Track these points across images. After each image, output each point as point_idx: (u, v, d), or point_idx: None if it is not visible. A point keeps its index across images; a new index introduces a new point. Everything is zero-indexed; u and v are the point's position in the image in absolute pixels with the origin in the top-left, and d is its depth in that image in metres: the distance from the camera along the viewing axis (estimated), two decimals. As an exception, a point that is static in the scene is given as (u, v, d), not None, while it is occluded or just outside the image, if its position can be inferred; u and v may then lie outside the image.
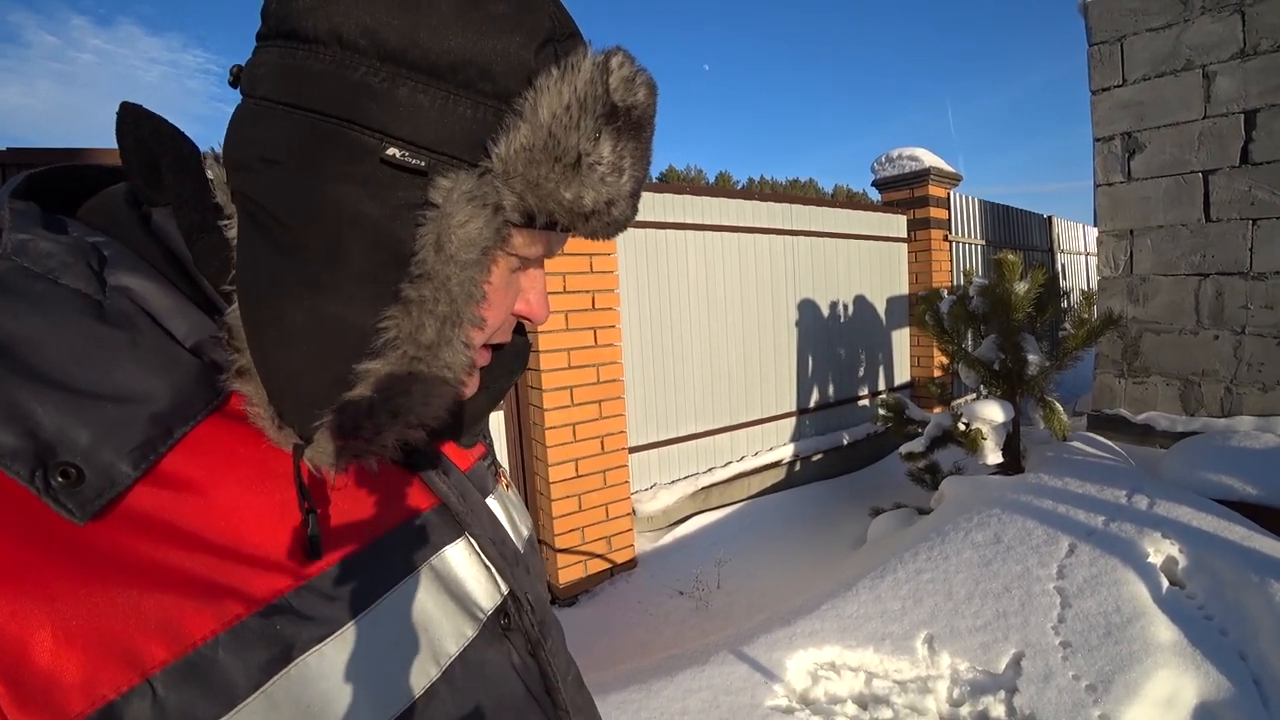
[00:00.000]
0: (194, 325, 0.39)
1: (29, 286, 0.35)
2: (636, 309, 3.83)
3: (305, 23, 0.35)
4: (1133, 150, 4.01)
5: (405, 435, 0.41)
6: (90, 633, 0.30)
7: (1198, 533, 2.44)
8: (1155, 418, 4.01)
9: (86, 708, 0.30)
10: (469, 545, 0.51)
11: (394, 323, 0.37)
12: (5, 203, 0.39)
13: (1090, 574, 2.27)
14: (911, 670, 2.06)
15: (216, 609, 0.34)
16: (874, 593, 2.36)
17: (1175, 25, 3.75)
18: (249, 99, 0.38)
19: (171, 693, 0.32)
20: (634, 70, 0.39)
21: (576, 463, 3.27)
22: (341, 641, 0.39)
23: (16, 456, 0.31)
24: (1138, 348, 4.11)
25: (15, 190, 0.41)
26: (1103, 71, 4.10)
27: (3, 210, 0.38)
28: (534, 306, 0.47)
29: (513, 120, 0.37)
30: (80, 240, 0.38)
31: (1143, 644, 1.96)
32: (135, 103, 0.42)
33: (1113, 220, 4.16)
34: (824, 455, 4.90)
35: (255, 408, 0.39)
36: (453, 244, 0.37)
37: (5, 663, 0.28)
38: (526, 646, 0.54)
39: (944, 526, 2.72)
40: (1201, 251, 3.80)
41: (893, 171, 5.68)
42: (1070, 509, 2.68)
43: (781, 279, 4.68)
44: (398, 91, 0.35)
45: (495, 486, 0.60)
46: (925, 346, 5.67)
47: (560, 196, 0.38)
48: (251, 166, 0.37)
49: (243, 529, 0.37)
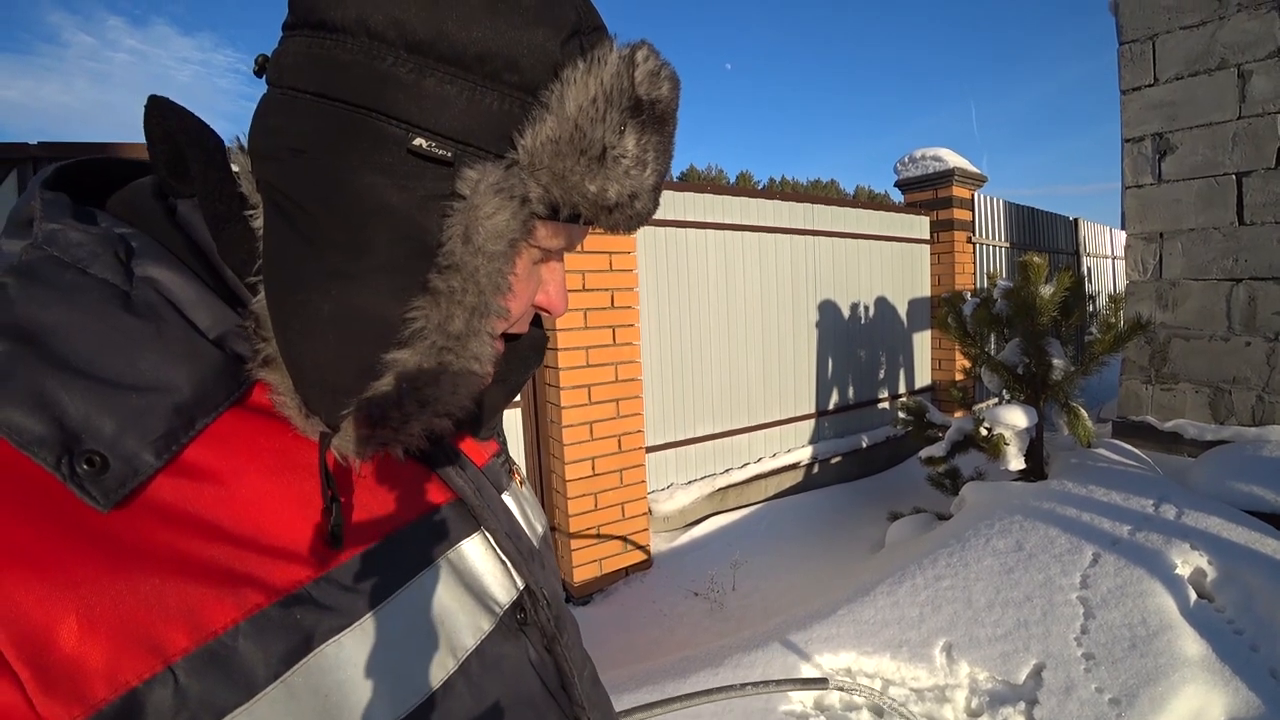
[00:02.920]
0: (218, 317, 0.40)
1: (59, 276, 0.35)
2: (655, 308, 3.82)
3: (333, 13, 0.35)
4: (1164, 151, 3.92)
5: (432, 425, 0.41)
6: (114, 620, 0.31)
7: (1228, 544, 2.38)
8: (1184, 425, 3.91)
9: (110, 694, 0.30)
10: (485, 540, 0.51)
11: (422, 313, 0.38)
12: (37, 193, 0.39)
13: (1115, 584, 2.22)
14: (929, 678, 2.03)
15: (237, 598, 0.35)
16: (892, 598, 2.33)
17: (1210, 23, 3.66)
18: (275, 88, 0.38)
19: (193, 680, 0.32)
20: (659, 64, 0.39)
21: (593, 461, 3.27)
22: (360, 633, 0.39)
23: (44, 443, 0.31)
24: (1166, 354, 4.02)
25: (46, 181, 0.41)
26: (1133, 70, 4.01)
27: (34, 200, 0.39)
28: (553, 298, 0.47)
29: (539, 112, 0.37)
30: (109, 231, 0.39)
31: (1169, 658, 1.91)
32: (163, 96, 0.42)
33: (1142, 223, 4.07)
34: (843, 458, 4.86)
35: (281, 396, 0.40)
36: (480, 235, 0.37)
37: (31, 648, 0.29)
38: (543, 641, 0.54)
39: (964, 533, 2.68)
40: (1234, 256, 3.70)
41: (916, 172, 5.62)
42: (1095, 517, 2.63)
43: (802, 279, 4.65)
44: (425, 82, 0.35)
45: (510, 483, 0.60)
46: (947, 349, 5.60)
47: (585, 189, 0.38)
48: (278, 156, 0.37)
49: (263, 519, 0.37)
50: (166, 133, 0.41)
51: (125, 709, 0.30)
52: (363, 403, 0.39)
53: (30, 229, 0.37)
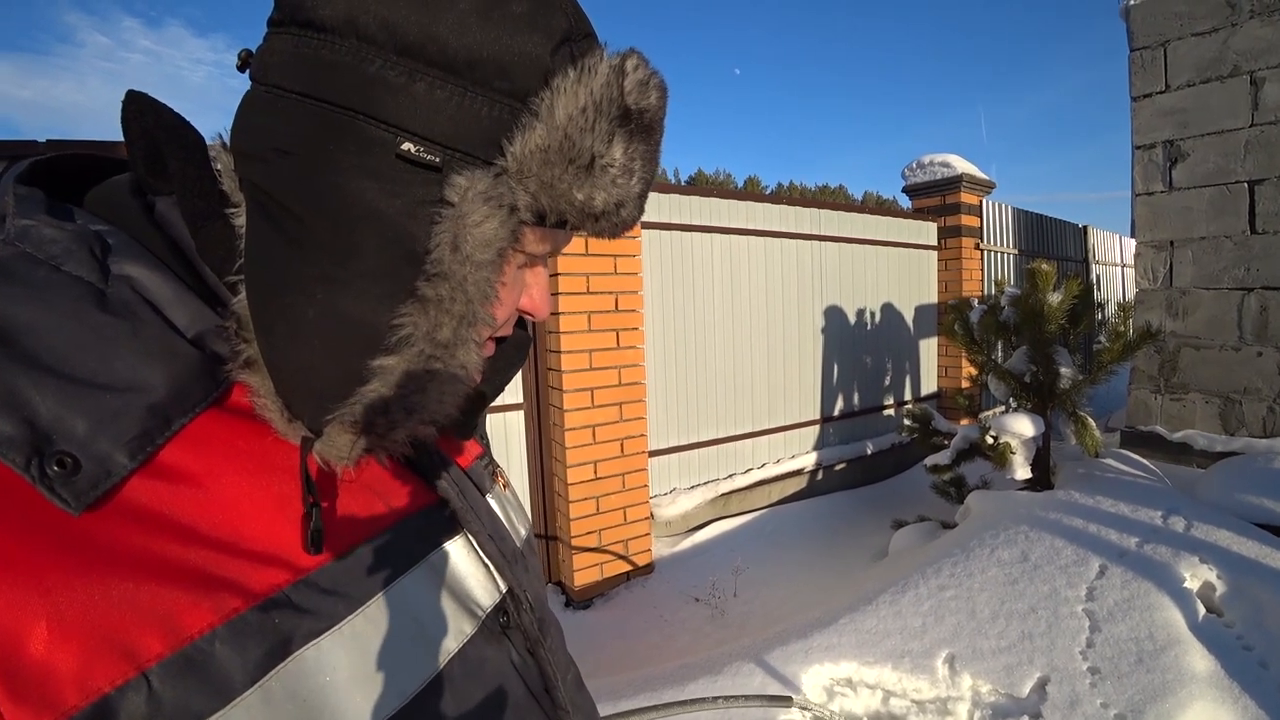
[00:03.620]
0: (196, 315, 0.39)
1: (31, 273, 0.35)
2: (660, 311, 3.80)
3: (322, 12, 0.35)
4: (1174, 159, 3.89)
5: (418, 432, 0.41)
6: (85, 625, 0.30)
7: (1237, 558, 2.34)
8: (1193, 436, 3.87)
9: (81, 701, 0.29)
10: (468, 543, 0.51)
11: (410, 320, 0.37)
12: (10, 188, 0.39)
13: (1122, 597, 2.19)
14: (931, 690, 2.00)
15: (214, 602, 0.34)
16: (894, 608, 2.31)
17: (1222, 30, 3.63)
18: (259, 86, 0.38)
19: (167, 686, 0.32)
20: (648, 73, 0.40)
21: (595, 465, 3.26)
22: (339, 636, 0.39)
23: (13, 444, 0.31)
24: (1176, 363, 3.98)
25: (20, 176, 0.41)
26: (1144, 77, 3.98)
27: (7, 196, 0.38)
28: (537, 302, 0.47)
29: (529, 120, 0.37)
30: (84, 228, 0.38)
31: (1176, 674, 1.88)
32: (141, 91, 0.42)
33: (1152, 231, 4.04)
34: (847, 465, 4.83)
35: (262, 399, 0.40)
36: (469, 244, 0.37)
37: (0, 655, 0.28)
38: (525, 645, 0.54)
39: (969, 542, 2.65)
40: (1246, 265, 3.66)
41: (924, 178, 5.59)
42: (1101, 529, 2.59)
43: (808, 284, 4.63)
44: (415, 86, 0.35)
45: (493, 485, 0.60)
46: (953, 357, 5.56)
47: (573, 197, 0.38)
48: (262, 156, 0.37)
49: (241, 522, 0.37)
50: (144, 129, 0.41)
51: (97, 716, 0.30)
52: (349, 409, 0.38)
53: (3, 225, 0.37)
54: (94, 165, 0.46)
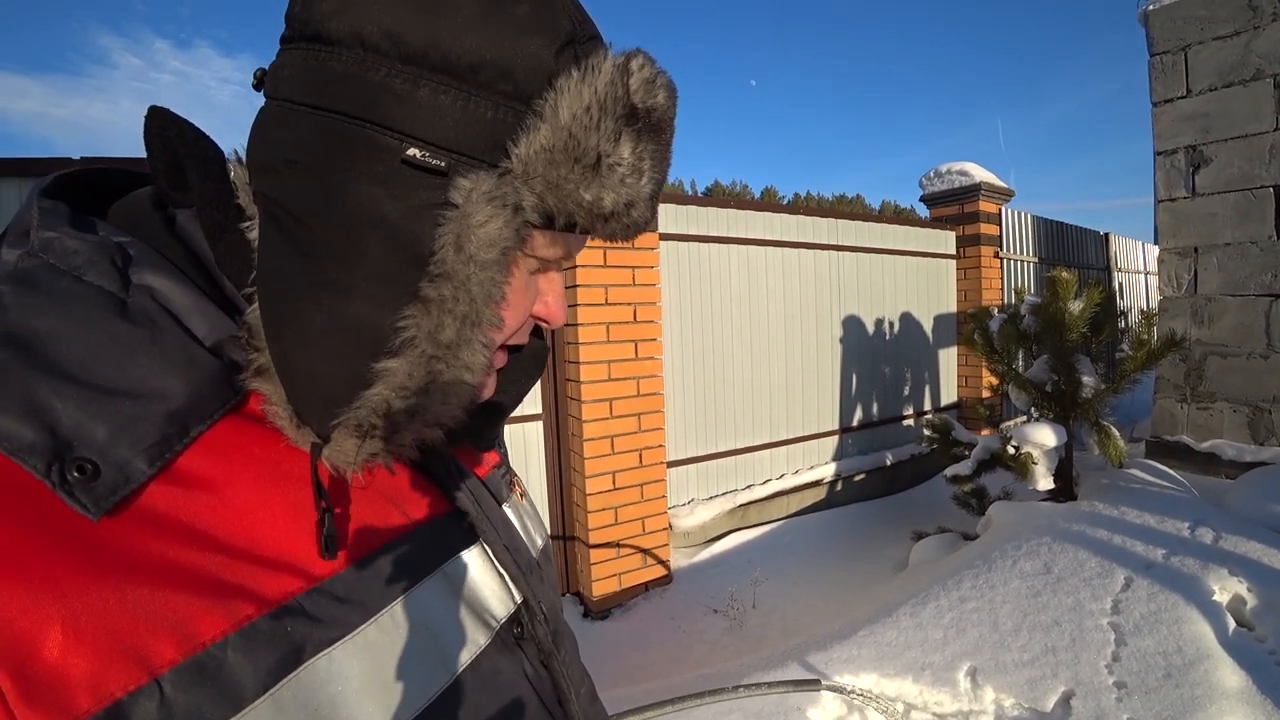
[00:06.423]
0: (214, 325, 0.40)
1: (54, 283, 0.35)
2: (679, 322, 3.82)
3: (328, 25, 0.36)
4: (1197, 164, 3.84)
5: (422, 435, 0.41)
6: (100, 630, 0.30)
7: (1269, 570, 2.29)
8: (1221, 446, 3.80)
9: (93, 706, 0.30)
10: (483, 552, 0.50)
11: (413, 321, 0.37)
12: (34, 201, 0.40)
13: (1148, 610, 2.15)
14: (952, 703, 1.98)
15: (227, 609, 0.34)
16: (915, 620, 2.29)
17: (1244, 33, 3.59)
18: (272, 100, 0.38)
19: (179, 693, 0.32)
20: (654, 72, 0.39)
21: (614, 475, 3.27)
22: (352, 645, 0.39)
23: (34, 450, 0.31)
24: (1202, 371, 3.91)
25: (45, 190, 0.42)
26: (1165, 83, 3.94)
27: (32, 209, 0.39)
28: (552, 309, 0.47)
29: (533, 121, 0.37)
30: (106, 239, 0.39)
31: (1206, 689, 1.84)
32: (163, 107, 0.43)
33: (1175, 237, 3.98)
34: (866, 476, 4.79)
35: (274, 407, 0.40)
36: (472, 244, 0.37)
37: (14, 658, 0.28)
38: (539, 657, 0.53)
39: (990, 554, 2.62)
40: (1273, 270, 3.60)
41: (942, 187, 5.56)
42: (1127, 540, 2.55)
43: (826, 295, 4.62)
44: (419, 92, 0.35)
45: (510, 495, 0.60)
46: (973, 366, 5.51)
47: (580, 198, 0.38)
48: (273, 168, 0.37)
49: (256, 529, 0.37)
50: (165, 143, 0.42)
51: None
52: (352, 413, 0.38)
53: (29, 238, 0.37)
54: (118, 179, 0.47)
